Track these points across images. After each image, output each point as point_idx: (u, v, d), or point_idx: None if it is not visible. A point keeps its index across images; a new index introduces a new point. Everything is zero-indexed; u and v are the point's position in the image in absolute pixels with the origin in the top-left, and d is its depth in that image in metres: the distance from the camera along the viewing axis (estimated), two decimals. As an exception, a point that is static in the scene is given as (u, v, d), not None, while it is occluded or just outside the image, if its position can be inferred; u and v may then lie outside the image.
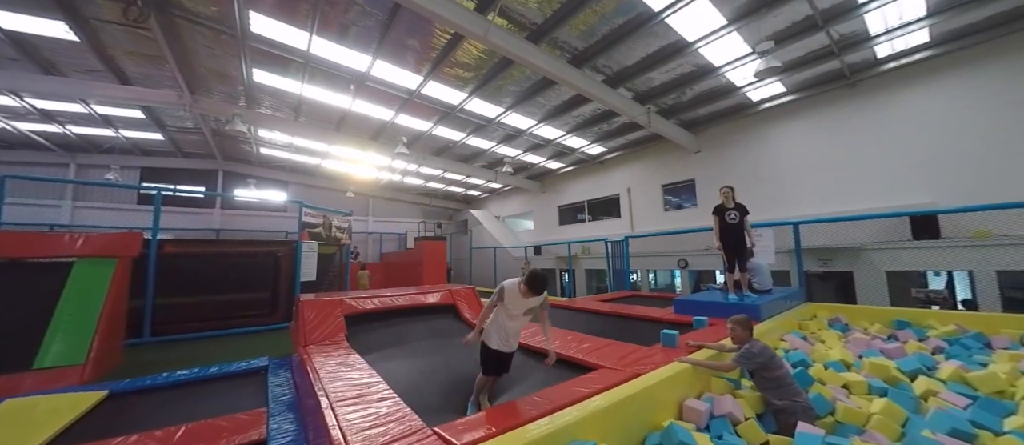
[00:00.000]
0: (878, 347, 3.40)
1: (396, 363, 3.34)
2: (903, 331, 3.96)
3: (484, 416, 1.94)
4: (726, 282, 4.86)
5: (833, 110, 8.59)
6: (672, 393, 2.43)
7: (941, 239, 6.14)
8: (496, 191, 19.27)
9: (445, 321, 4.78)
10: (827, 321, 4.48)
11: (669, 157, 11.66)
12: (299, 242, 7.31)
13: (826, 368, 2.97)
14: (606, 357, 2.90)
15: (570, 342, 3.48)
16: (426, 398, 2.48)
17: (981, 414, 2.16)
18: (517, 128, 10.94)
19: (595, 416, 1.96)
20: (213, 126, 11.47)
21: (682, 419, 2.33)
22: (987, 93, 6.89)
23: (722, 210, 4.71)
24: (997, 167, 6.62)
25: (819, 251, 7.08)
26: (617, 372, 2.54)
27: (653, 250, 10.27)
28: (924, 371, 2.87)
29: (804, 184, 8.88)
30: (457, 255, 18.87)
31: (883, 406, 2.29)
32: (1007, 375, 2.57)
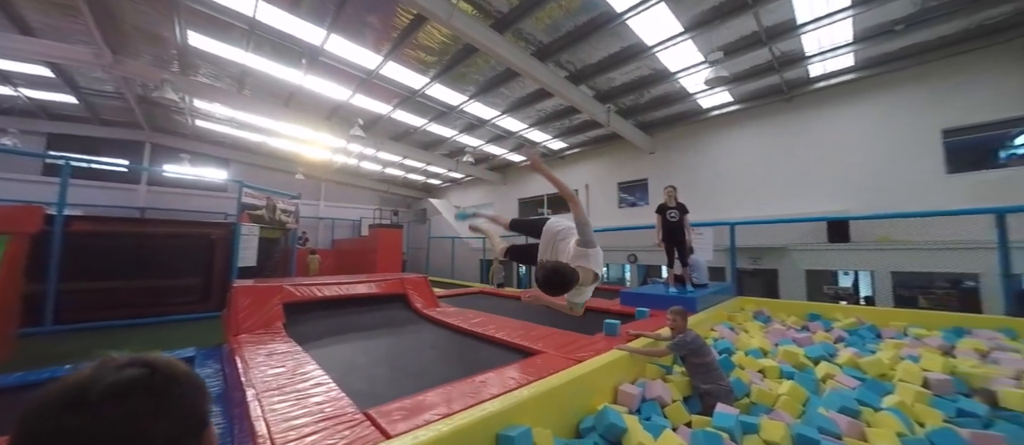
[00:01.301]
0: (792, 337, 3.79)
1: (338, 352, 3.23)
2: (814, 323, 4.45)
3: (420, 399, 1.92)
4: (668, 276, 5.18)
5: (771, 122, 9.34)
6: (609, 379, 2.55)
7: (850, 243, 6.93)
8: (457, 181, 19.02)
9: (394, 311, 4.68)
10: (752, 313, 4.91)
11: (626, 156, 12.11)
12: (237, 224, 6.79)
13: (747, 355, 3.26)
14: (549, 344, 2.98)
15: (516, 329, 3.54)
16: (367, 385, 2.41)
17: (866, 393, 2.48)
18: (480, 118, 10.84)
19: (532, 401, 2.02)
20: (139, 92, 10.27)
21: (617, 403, 2.46)
22: (895, 116, 7.82)
23: (664, 209, 4.99)
24: (898, 181, 7.56)
25: (751, 250, 7.74)
26: (558, 358, 2.62)
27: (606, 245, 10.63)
28: (826, 357, 3.24)
29: (744, 188, 9.61)
30: (414, 244, 18.48)
31: (789, 388, 2.56)
32: (890, 360, 2.97)
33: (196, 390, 0.58)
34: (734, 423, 2.13)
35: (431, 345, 3.44)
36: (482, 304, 5.60)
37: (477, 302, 5.94)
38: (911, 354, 3.09)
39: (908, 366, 2.80)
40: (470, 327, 3.77)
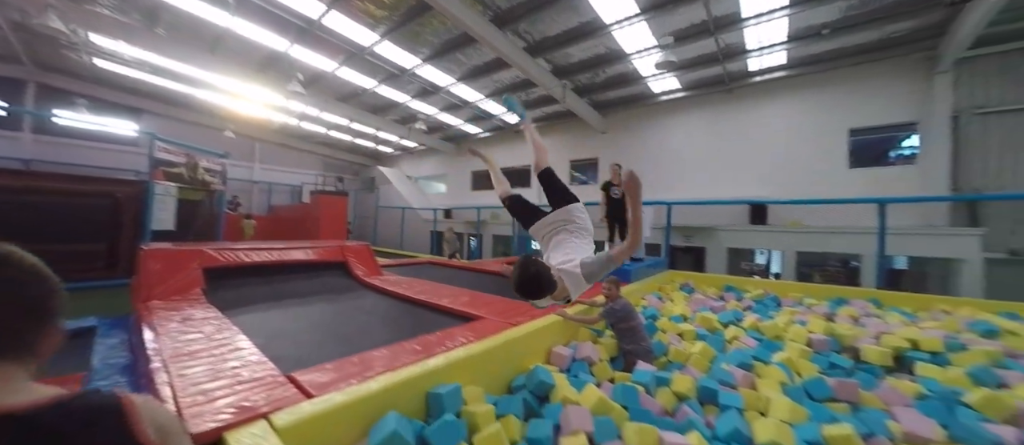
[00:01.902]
0: (709, 305, 4.22)
1: (266, 318, 3.06)
2: (729, 293, 4.97)
3: (351, 360, 1.89)
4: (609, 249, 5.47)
5: (713, 111, 9.96)
6: (543, 342, 2.68)
7: (768, 225, 7.75)
8: (409, 150, 18.31)
9: (333, 278, 4.49)
10: (679, 285, 5.38)
11: (579, 135, 12.34)
12: (149, 183, 6.02)
13: (670, 320, 3.59)
14: (490, 310, 3.05)
15: (459, 296, 3.57)
16: (294, 350, 2.32)
17: (761, 351, 2.85)
18: (434, 84, 10.39)
19: (466, 361, 2.07)
20: (16, 18, 8.50)
21: (549, 363, 2.60)
22: (813, 113, 8.68)
23: (609, 185, 5.21)
24: (811, 171, 8.50)
25: (685, 229, 8.39)
26: (496, 323, 2.70)
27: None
28: (735, 322, 3.66)
29: (683, 171, 10.26)
30: (361, 213, 17.71)
31: (701, 348, 2.86)
32: (784, 324, 3.42)
33: (39, 281, 0.62)
34: (650, 378, 2.35)
35: (369, 311, 3.37)
36: (430, 274, 5.54)
37: (425, 272, 5.88)
38: (801, 319, 3.58)
39: (797, 329, 3.25)
40: (412, 294, 3.73)
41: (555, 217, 1.90)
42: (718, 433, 1.93)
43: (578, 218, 1.93)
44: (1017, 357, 2.72)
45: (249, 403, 1.48)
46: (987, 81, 7.26)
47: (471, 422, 1.70)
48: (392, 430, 1.40)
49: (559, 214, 1.91)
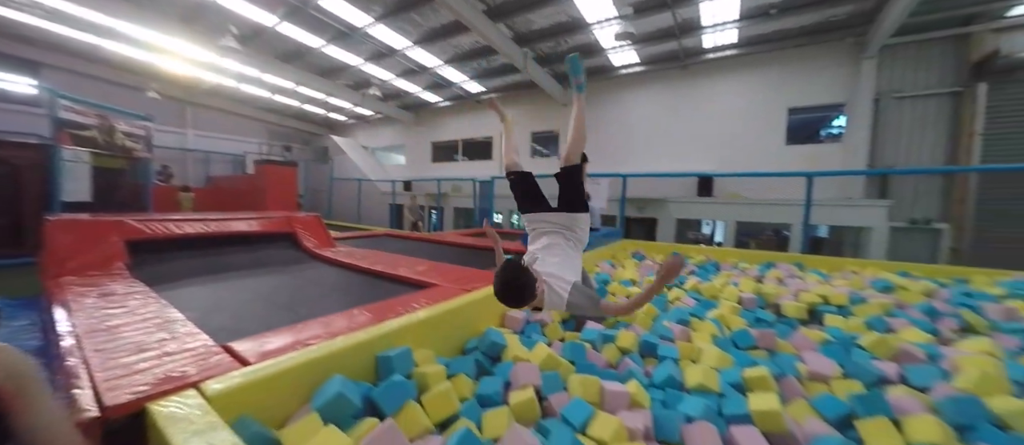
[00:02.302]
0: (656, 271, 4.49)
1: (202, 292, 2.86)
2: (676, 260, 5.31)
3: (296, 329, 1.83)
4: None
5: (667, 86, 10.24)
6: (497, 306, 2.73)
7: (713, 197, 8.27)
8: (365, 118, 17.35)
9: (280, 250, 4.26)
10: (632, 253, 5.66)
11: (540, 106, 12.27)
12: (55, 147, 5.28)
13: (620, 284, 3.79)
14: (446, 278, 3.05)
15: (415, 265, 3.53)
16: (233, 322, 2.20)
17: (698, 309, 3.10)
18: (389, 46, 9.79)
19: (418, 325, 2.07)
20: None
21: (504, 326, 2.67)
22: (757, 91, 9.18)
23: (569, 156, 5.26)
24: (753, 147, 9.08)
25: (638, 201, 8.77)
26: (451, 290, 2.71)
27: (517, 193, 11.03)
28: (678, 285, 3.92)
29: (637, 145, 10.59)
30: (314, 186, 16.77)
31: (646, 308, 3.06)
32: (720, 286, 3.73)
33: None
34: (597, 336, 2.49)
35: (319, 283, 3.25)
36: (388, 246, 5.41)
37: (383, 244, 5.72)
38: (735, 281, 3.92)
39: (731, 289, 3.55)
40: (367, 265, 3.64)
41: (559, 218, 1.73)
42: (655, 381, 2.10)
43: (579, 229, 1.81)
44: (904, 307, 3.17)
45: (177, 373, 1.39)
46: (905, 67, 8.01)
47: (421, 382, 1.72)
48: (337, 392, 1.38)
49: (564, 218, 1.73)
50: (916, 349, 2.31)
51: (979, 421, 1.61)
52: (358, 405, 1.44)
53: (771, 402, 1.73)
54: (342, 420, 1.39)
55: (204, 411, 1.21)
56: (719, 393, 1.96)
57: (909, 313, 3.03)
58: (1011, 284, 3.65)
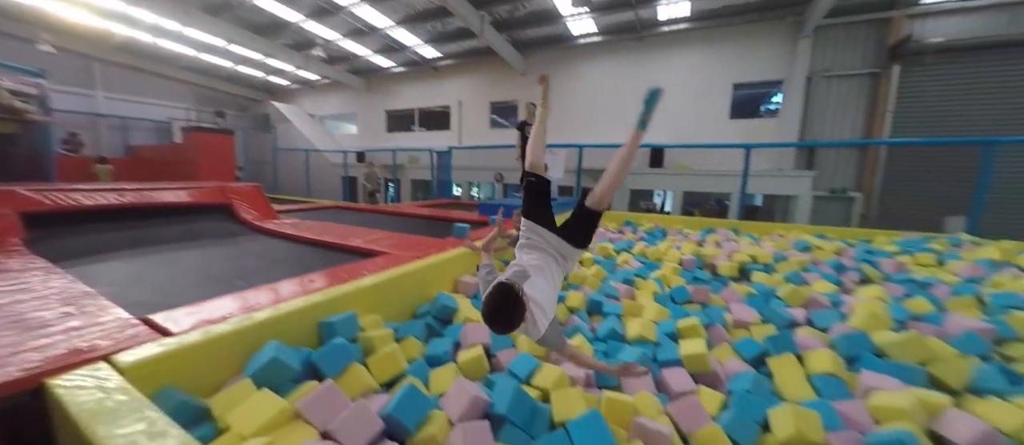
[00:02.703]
0: (608, 237, 4.69)
1: (119, 267, 2.59)
2: (627, 227, 5.57)
3: (228, 299, 1.72)
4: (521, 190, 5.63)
5: (624, 58, 10.35)
6: (450, 273, 2.73)
7: (663, 168, 8.66)
8: (310, 83, 16.05)
9: (214, 222, 3.93)
10: (587, 222, 5.84)
11: (499, 76, 11.98)
12: (-87, 102, 4.39)
13: (573, 251, 3.92)
14: (396, 247, 2.98)
15: (364, 235, 3.42)
16: (156, 295, 2.02)
17: (643, 270, 3.30)
18: (333, 1, 8.97)
19: (365, 292, 2.02)
20: None
21: (456, 292, 2.68)
22: (707, 66, 9.54)
23: (524, 125, 5.23)
24: (700, 120, 9.53)
25: (596, 172, 8.97)
26: (400, 258, 2.65)
27: (476, 164, 10.87)
28: (627, 249, 4.13)
29: (594, 116, 10.73)
30: (257, 157, 15.46)
31: (595, 270, 3.21)
32: (664, 249, 3.98)
33: None
34: (547, 297, 2.58)
35: (259, 255, 3.05)
36: (340, 218, 5.16)
37: (334, 216, 5.45)
38: (678, 245, 4.20)
39: (673, 252, 3.80)
40: (314, 236, 3.46)
41: (560, 245, 1.60)
42: (599, 335, 2.23)
43: (571, 261, 1.72)
44: (818, 264, 3.56)
45: (84, 346, 1.26)
46: (835, 48, 8.64)
47: (367, 346, 1.70)
48: (271, 357, 1.33)
49: (565, 247, 1.60)
50: (823, 297, 2.62)
51: (864, 352, 1.88)
52: (297, 369, 1.40)
53: (698, 347, 1.91)
54: (280, 385, 1.35)
55: (118, 385, 1.12)
56: (656, 342, 2.13)
57: (821, 268, 3.41)
58: (903, 243, 4.21)
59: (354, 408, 1.22)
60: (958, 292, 2.67)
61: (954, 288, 2.76)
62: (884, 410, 1.43)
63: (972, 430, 1.27)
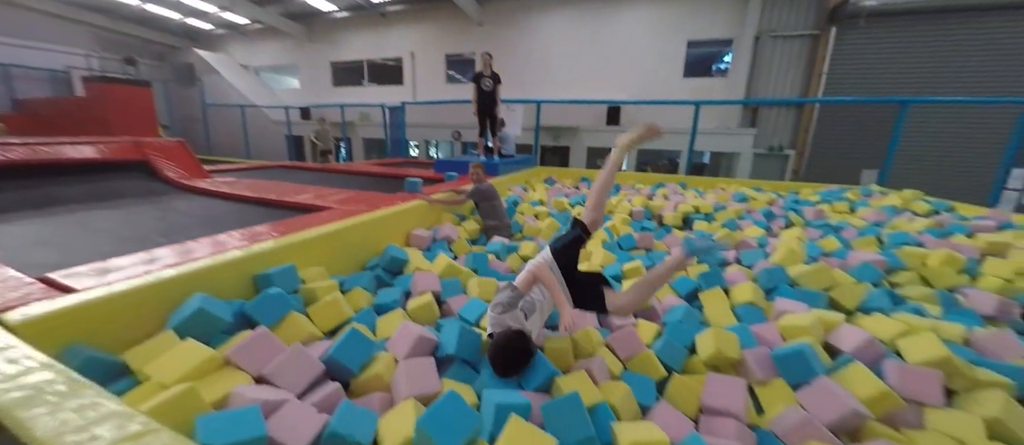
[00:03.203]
0: (564, 192, 4.77)
1: (16, 230, 2.26)
2: (583, 183, 5.69)
3: (143, 256, 1.56)
4: (478, 146, 5.50)
5: (584, 11, 10.07)
6: (401, 226, 2.66)
7: (620, 125, 8.81)
8: (240, 29, 14.25)
9: (130, 181, 3.50)
10: (544, 179, 5.89)
11: (454, 26, 11.28)
12: None
13: (530, 205, 3.96)
14: (342, 202, 2.84)
15: (308, 192, 3.22)
16: (58, 256, 1.80)
17: (594, 221, 3.41)
18: (257, -71, 7.80)
19: (307, 245, 1.93)
20: None
21: (409, 245, 2.63)
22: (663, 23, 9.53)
23: (479, 77, 5.02)
24: (656, 78, 9.66)
25: (553, 129, 8.98)
26: (346, 212, 2.54)
27: (432, 121, 10.42)
28: (580, 203, 4.24)
29: (554, 70, 10.53)
30: (185, 114, 13.82)
31: (549, 223, 3.28)
32: (616, 202, 4.13)
33: None
34: (501, 247, 2.61)
35: (185, 213, 2.79)
36: (286, 178, 4.78)
37: (278, 176, 5.04)
38: (629, 198, 4.37)
39: (625, 204, 3.96)
40: (251, 193, 3.20)
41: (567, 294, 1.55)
42: (549, 280, 2.31)
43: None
44: (752, 212, 3.87)
45: (-43, 307, 1.10)
46: (782, 8, 8.92)
47: (309, 297, 1.64)
48: (197, 308, 1.24)
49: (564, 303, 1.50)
50: (752, 240, 2.87)
51: (781, 283, 2.10)
52: (228, 321, 1.33)
53: (639, 285, 2.03)
54: (210, 338, 1.28)
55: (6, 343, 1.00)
56: (601, 284, 2.24)
57: (754, 216, 3.71)
58: (824, 193, 4.66)
59: (290, 351, 1.19)
60: (863, 234, 3.03)
61: (860, 231, 3.13)
62: (790, 329, 1.63)
63: (856, 339, 1.48)
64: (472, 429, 0.91)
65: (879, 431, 1.20)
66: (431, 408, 0.93)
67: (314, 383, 1.20)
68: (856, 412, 1.17)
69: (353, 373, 1.27)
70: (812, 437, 1.12)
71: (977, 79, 7.52)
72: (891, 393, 1.23)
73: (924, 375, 1.30)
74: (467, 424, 0.91)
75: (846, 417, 1.17)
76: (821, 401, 1.24)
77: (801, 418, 1.18)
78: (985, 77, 7.47)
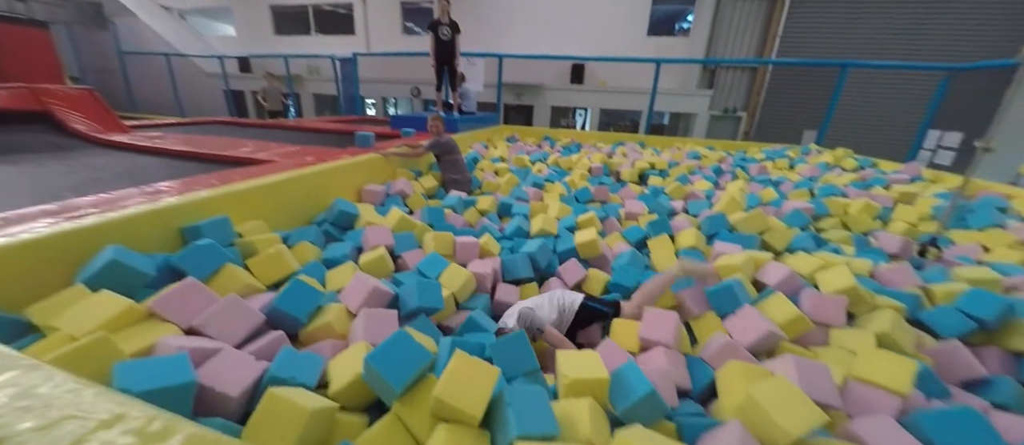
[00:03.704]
0: (526, 149, 4.73)
1: None
2: (545, 142, 5.66)
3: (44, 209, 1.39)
4: (437, 100, 5.23)
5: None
6: (351, 180, 2.54)
7: (583, 85, 8.73)
8: (157, -39, 12.28)
9: (29, 136, 3.04)
10: (506, 137, 5.80)
11: (411, -30, 10.38)
12: None
13: (490, 161, 3.90)
14: (286, 156, 2.65)
15: (248, 146, 2.97)
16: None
17: (552, 176, 3.45)
18: None
19: (243, 196, 1.79)
20: None
21: (361, 201, 2.52)
22: (629, -24, 9.26)
23: (436, 25, 4.69)
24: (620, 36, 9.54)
25: (517, 87, 8.74)
26: (289, 165, 2.37)
27: (389, 76, 9.80)
28: (542, 160, 4.24)
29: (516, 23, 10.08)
30: (96, 64, 12.00)
31: (508, 177, 3.27)
32: (576, 159, 4.16)
33: None
34: (457, 201, 2.57)
35: (101, 168, 2.49)
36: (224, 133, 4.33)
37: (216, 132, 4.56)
38: (590, 156, 4.41)
39: (584, 161, 4.00)
40: (179, 147, 2.89)
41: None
42: (506, 233, 2.33)
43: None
44: (702, 168, 4.05)
45: None
46: (743, -31, 8.92)
47: (247, 250, 1.55)
48: (111, 259, 1.13)
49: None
50: (700, 192, 3.02)
51: (721, 229, 2.25)
52: (150, 274, 1.22)
53: (591, 235, 2.09)
54: (129, 292, 1.17)
55: None
56: (556, 235, 2.29)
57: (704, 172, 3.89)
58: (768, 152, 4.95)
59: (225, 302, 1.13)
60: (798, 186, 3.28)
61: (796, 184, 3.38)
62: (725, 268, 1.75)
63: (779, 274, 1.63)
64: (421, 366, 0.91)
65: (791, 349, 1.35)
66: (381, 345, 0.92)
67: (254, 334, 1.15)
68: (772, 333, 1.31)
69: (301, 323, 1.23)
70: (732, 357, 1.24)
71: (917, 45, 8.04)
72: (803, 317, 1.38)
73: (832, 301, 1.47)
74: (416, 360, 0.92)
75: (764, 338, 1.31)
76: (744, 327, 1.36)
77: (724, 342, 1.30)
78: (923, 43, 7.99)
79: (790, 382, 0.96)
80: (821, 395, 1.00)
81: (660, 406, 0.95)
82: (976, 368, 1.28)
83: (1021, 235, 2.21)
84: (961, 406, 1.05)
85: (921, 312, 1.54)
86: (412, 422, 0.88)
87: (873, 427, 0.96)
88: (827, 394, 1.02)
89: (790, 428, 0.85)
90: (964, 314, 1.44)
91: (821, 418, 0.88)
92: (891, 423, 0.96)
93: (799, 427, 0.85)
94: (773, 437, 0.87)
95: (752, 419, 0.91)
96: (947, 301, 1.55)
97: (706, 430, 0.98)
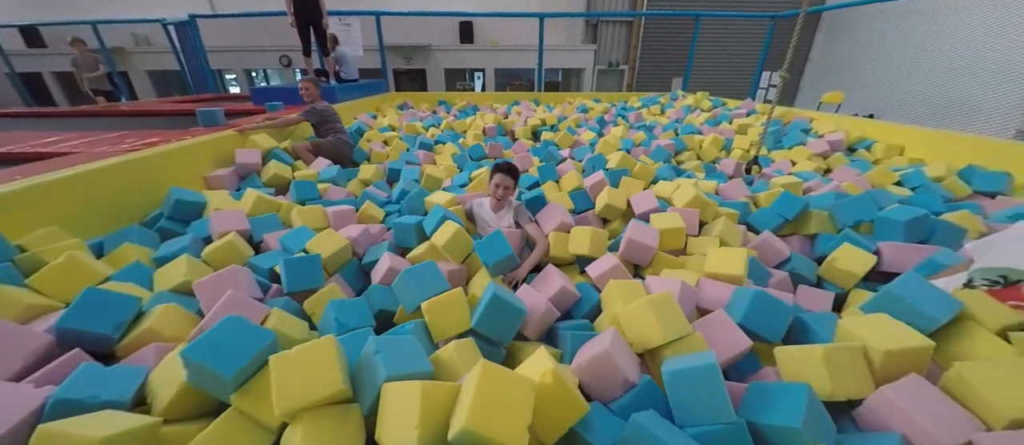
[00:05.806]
0: (418, 117, 4.50)
1: None
2: (441, 107, 5.43)
3: None
4: (308, 67, 4.58)
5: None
6: (192, 167, 2.11)
7: (474, 44, 8.50)
8: None
9: None
10: (397, 105, 5.41)
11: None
12: None
13: (378, 132, 3.61)
14: (95, 145, 2.08)
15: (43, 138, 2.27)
16: None
17: (444, 137, 3.34)
18: None
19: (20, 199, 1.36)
20: None
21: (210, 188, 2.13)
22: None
23: (291, -25, 4.03)
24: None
25: (404, 49, 8.14)
26: (97, 154, 1.87)
27: (250, 43, 8.30)
28: (436, 126, 4.07)
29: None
30: None
31: (396, 144, 3.06)
32: (470, 123, 4.08)
33: None
34: (337, 173, 2.33)
35: None
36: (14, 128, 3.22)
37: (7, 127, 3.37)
38: (483, 117, 4.37)
39: (477, 124, 3.95)
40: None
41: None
42: (393, 197, 2.19)
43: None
44: (588, 120, 4.30)
45: None
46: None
47: (32, 265, 1.19)
48: None
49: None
50: (585, 141, 3.21)
51: (600, 168, 2.42)
52: None
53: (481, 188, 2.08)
54: None
55: None
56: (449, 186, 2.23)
57: (590, 123, 4.14)
58: (644, 100, 5.44)
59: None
60: (666, 128, 3.70)
61: (665, 126, 3.80)
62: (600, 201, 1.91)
63: (642, 199, 1.83)
64: (259, 348, 0.80)
65: (663, 259, 1.55)
66: (202, 336, 0.78)
67: (40, 360, 0.90)
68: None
69: (109, 338, 0.99)
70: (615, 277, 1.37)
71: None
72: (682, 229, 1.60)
73: (689, 214, 1.71)
74: (253, 343, 0.80)
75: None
76: (624, 248, 1.51)
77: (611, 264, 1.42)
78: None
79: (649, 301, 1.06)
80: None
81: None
82: (783, 251, 1.60)
83: (815, 149, 2.82)
84: (756, 289, 1.26)
85: (749, 215, 1.88)
86: (259, 411, 0.77)
87: (710, 324, 1.11)
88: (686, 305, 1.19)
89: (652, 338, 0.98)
90: (776, 213, 1.80)
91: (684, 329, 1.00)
92: (722, 316, 1.13)
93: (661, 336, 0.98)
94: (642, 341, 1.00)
95: (624, 328, 1.04)
96: (766, 205, 1.91)
97: (588, 340, 1.05)
